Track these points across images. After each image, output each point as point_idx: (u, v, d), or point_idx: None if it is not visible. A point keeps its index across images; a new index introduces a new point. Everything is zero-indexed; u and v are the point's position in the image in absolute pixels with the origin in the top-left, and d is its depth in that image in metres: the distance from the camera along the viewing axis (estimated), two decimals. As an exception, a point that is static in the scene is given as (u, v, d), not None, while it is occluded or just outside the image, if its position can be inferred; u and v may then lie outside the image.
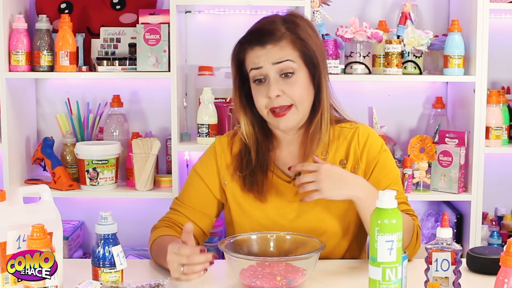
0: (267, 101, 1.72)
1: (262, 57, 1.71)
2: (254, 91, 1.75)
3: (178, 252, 1.53)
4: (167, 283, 1.47)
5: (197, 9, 2.84)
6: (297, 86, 1.72)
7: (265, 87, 1.72)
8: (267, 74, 1.71)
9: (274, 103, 1.71)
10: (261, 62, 1.71)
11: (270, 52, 1.71)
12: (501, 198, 2.94)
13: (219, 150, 1.86)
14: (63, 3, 2.81)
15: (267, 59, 1.71)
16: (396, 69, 2.60)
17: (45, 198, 1.49)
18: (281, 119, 1.72)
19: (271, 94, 1.70)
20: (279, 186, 1.80)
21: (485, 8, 2.53)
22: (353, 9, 2.85)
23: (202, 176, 1.85)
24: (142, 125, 2.90)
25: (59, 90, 2.87)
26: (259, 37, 1.72)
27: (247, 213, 1.80)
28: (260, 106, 1.74)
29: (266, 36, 1.71)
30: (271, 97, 1.70)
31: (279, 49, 1.71)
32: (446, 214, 1.51)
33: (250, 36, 1.75)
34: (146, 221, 2.85)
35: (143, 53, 2.61)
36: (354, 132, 1.81)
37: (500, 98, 2.65)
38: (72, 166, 2.72)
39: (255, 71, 1.73)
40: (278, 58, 1.71)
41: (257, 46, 1.72)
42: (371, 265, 1.35)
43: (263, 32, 1.73)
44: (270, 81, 1.71)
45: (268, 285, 1.50)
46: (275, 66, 1.71)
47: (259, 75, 1.72)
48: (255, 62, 1.72)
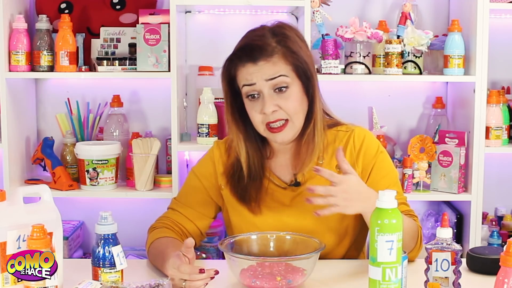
0: (263, 117, 1.70)
1: (255, 73, 1.68)
2: (248, 107, 1.73)
3: (178, 270, 1.50)
4: (167, 283, 1.47)
5: (197, 9, 2.84)
6: (291, 100, 1.70)
7: (259, 103, 1.70)
8: (260, 90, 1.69)
9: (270, 118, 1.69)
10: (254, 79, 1.68)
11: (263, 69, 1.68)
12: (501, 198, 2.94)
13: (217, 156, 1.86)
14: (63, 3, 2.81)
15: (260, 75, 1.68)
16: (396, 69, 2.60)
17: (45, 198, 1.49)
18: (278, 134, 1.71)
19: (267, 111, 1.68)
20: (275, 193, 1.80)
21: (485, 8, 2.53)
22: (353, 9, 2.85)
23: (200, 178, 1.85)
24: (142, 125, 2.90)
25: (59, 90, 2.87)
26: (250, 53, 1.68)
27: (244, 218, 1.80)
28: (256, 122, 1.72)
29: (257, 51, 1.68)
30: (266, 113, 1.68)
31: (271, 65, 1.68)
32: (446, 214, 1.51)
33: (240, 52, 1.70)
34: (146, 221, 2.84)
35: (143, 53, 2.61)
36: (350, 135, 1.80)
37: (500, 98, 2.65)
38: (72, 166, 2.72)
39: (247, 88, 1.70)
40: (271, 74, 1.68)
41: (249, 62, 1.68)
42: (371, 265, 1.35)
43: (253, 48, 1.69)
44: (265, 97, 1.68)
45: (268, 285, 1.50)
46: (269, 82, 1.68)
47: (252, 91, 1.70)
48: (248, 78, 1.69)
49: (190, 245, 1.53)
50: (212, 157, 1.86)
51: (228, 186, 1.82)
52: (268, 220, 1.78)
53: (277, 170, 1.82)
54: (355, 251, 1.85)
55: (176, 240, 1.75)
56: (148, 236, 1.81)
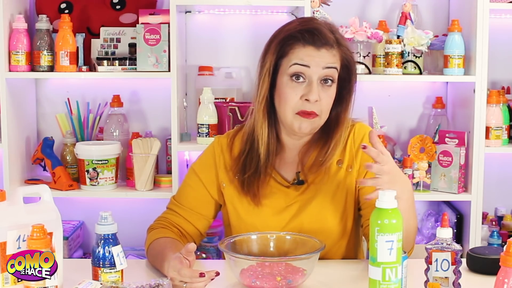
0: (301, 103, 1.68)
1: (315, 57, 1.68)
2: (288, 87, 1.70)
3: (179, 273, 1.50)
4: (167, 283, 1.47)
5: (197, 9, 2.84)
6: (330, 96, 1.71)
7: (303, 87, 1.69)
8: (310, 76, 1.68)
9: (307, 107, 1.68)
10: (310, 62, 1.68)
11: (323, 56, 1.68)
12: (501, 198, 2.94)
13: (218, 151, 1.84)
14: (63, 3, 2.81)
15: (318, 61, 1.68)
16: (396, 69, 2.60)
17: (45, 198, 1.49)
18: (305, 121, 1.69)
19: (312, 98, 1.67)
20: (276, 191, 1.78)
21: (485, 8, 2.53)
22: (353, 9, 2.85)
23: (200, 176, 1.84)
24: (142, 125, 2.90)
25: (59, 90, 2.87)
26: (316, 39, 1.68)
27: (242, 218, 1.79)
28: (290, 104, 1.69)
29: (321, 39, 1.68)
30: (309, 100, 1.67)
31: (331, 56, 1.69)
32: (446, 214, 1.51)
33: (304, 33, 1.69)
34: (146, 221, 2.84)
35: (143, 53, 2.61)
36: (350, 131, 1.80)
37: (500, 98, 2.65)
38: (72, 166, 2.72)
39: (298, 67, 1.68)
40: (330, 63, 1.69)
41: (312, 46, 1.68)
42: (371, 265, 1.35)
43: (319, 35, 1.69)
44: (313, 84, 1.68)
45: (268, 285, 1.50)
46: (324, 71, 1.68)
47: (301, 72, 1.68)
48: (304, 60, 1.68)
49: (191, 250, 1.52)
50: (213, 153, 1.84)
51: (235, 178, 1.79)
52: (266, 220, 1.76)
53: (281, 168, 1.81)
54: (353, 248, 1.85)
55: (175, 240, 1.75)
56: (147, 237, 1.80)
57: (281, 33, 1.73)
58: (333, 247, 1.78)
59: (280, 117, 1.74)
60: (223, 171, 1.82)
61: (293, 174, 1.79)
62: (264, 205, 1.77)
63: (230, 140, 1.84)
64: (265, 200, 1.77)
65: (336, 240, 1.78)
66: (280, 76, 1.72)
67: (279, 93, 1.71)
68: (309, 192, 1.76)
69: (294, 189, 1.78)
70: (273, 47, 1.73)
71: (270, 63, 1.72)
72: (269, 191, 1.78)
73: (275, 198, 1.78)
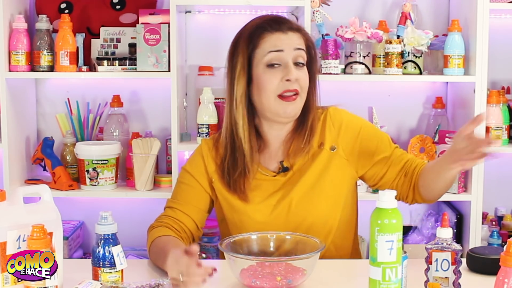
0: (282, 84, 1.75)
1: (285, 41, 1.76)
2: (266, 75, 1.76)
3: (177, 261, 1.50)
4: (167, 283, 1.47)
5: (197, 9, 2.84)
6: (306, 75, 1.79)
7: (280, 71, 1.75)
8: (284, 58, 1.76)
9: (289, 86, 1.75)
10: (282, 45, 1.76)
11: (291, 38, 1.77)
12: (501, 198, 2.94)
13: (206, 151, 1.89)
14: (63, 3, 2.81)
15: (289, 43, 1.76)
16: (396, 69, 2.60)
17: (45, 198, 1.49)
18: (289, 104, 1.76)
19: (292, 76, 1.74)
20: (263, 183, 1.82)
21: (485, 8, 2.53)
22: (353, 9, 2.85)
23: (191, 173, 1.88)
24: (142, 125, 2.90)
25: (59, 90, 2.87)
26: (281, 24, 1.78)
27: (236, 209, 1.83)
28: (270, 89, 1.76)
29: (287, 23, 1.79)
30: (291, 80, 1.74)
31: (298, 37, 1.79)
32: (446, 214, 1.51)
33: (269, 22, 1.79)
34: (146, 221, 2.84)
35: (143, 53, 2.61)
36: (326, 114, 1.87)
37: (500, 98, 2.65)
38: (72, 166, 2.72)
39: (273, 54, 1.76)
40: (298, 44, 1.78)
41: (279, 31, 1.77)
42: (371, 265, 1.36)
43: (283, 21, 1.80)
44: (289, 65, 1.75)
45: (268, 285, 1.50)
46: (295, 52, 1.76)
47: (276, 59, 1.75)
48: (277, 45, 1.76)
49: (194, 252, 1.51)
50: (201, 152, 1.90)
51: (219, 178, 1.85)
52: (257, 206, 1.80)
53: (266, 163, 1.86)
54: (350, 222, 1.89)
55: (176, 238, 1.76)
56: (148, 236, 1.81)
57: (246, 30, 1.81)
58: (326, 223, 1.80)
59: (263, 106, 1.79)
60: (212, 167, 1.86)
61: (277, 164, 1.85)
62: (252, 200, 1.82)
63: (215, 143, 1.90)
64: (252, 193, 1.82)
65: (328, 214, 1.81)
66: (255, 69, 1.78)
67: (257, 84, 1.77)
68: (295, 176, 1.82)
69: (280, 177, 1.83)
70: (242, 43, 1.80)
71: (243, 59, 1.79)
72: (256, 185, 1.82)
73: (263, 187, 1.83)
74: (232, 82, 1.80)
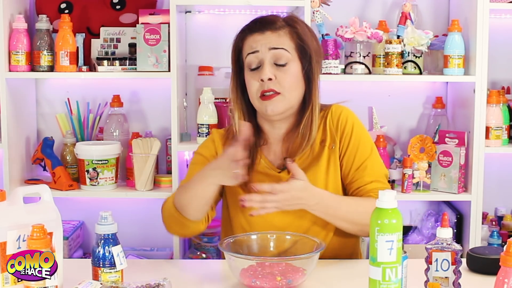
0: (259, 85, 1.77)
1: (260, 41, 1.78)
2: (248, 77, 1.80)
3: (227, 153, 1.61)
4: (167, 283, 1.47)
5: (197, 9, 2.84)
6: (288, 74, 1.78)
7: (259, 72, 1.78)
8: (262, 59, 1.77)
9: (264, 86, 1.76)
10: (258, 46, 1.77)
11: (268, 38, 1.78)
12: (501, 198, 2.94)
13: (217, 138, 1.92)
14: (63, 3, 2.81)
15: (264, 43, 1.77)
16: (396, 69, 2.60)
17: (45, 198, 1.49)
18: (268, 103, 1.77)
19: (264, 76, 1.75)
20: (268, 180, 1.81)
21: (485, 8, 2.53)
22: (353, 9, 2.85)
23: (204, 155, 1.90)
24: (142, 125, 2.90)
25: (59, 90, 2.87)
26: (260, 25, 1.80)
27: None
28: (253, 91, 1.79)
29: (266, 24, 1.80)
30: (263, 80, 1.75)
31: (277, 37, 1.78)
32: (446, 214, 1.51)
33: (250, 24, 1.82)
34: (146, 221, 2.86)
35: (143, 53, 2.61)
36: (328, 111, 1.88)
37: (500, 98, 2.65)
38: (72, 166, 2.72)
39: (251, 56, 1.78)
40: (274, 44, 1.77)
41: (257, 32, 1.79)
42: (371, 265, 1.35)
43: (263, 21, 1.81)
44: (265, 64, 1.76)
45: (268, 285, 1.50)
46: (271, 52, 1.77)
47: (254, 60, 1.78)
48: (252, 46, 1.78)
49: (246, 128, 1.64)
50: (212, 139, 1.93)
51: None
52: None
53: (270, 156, 1.87)
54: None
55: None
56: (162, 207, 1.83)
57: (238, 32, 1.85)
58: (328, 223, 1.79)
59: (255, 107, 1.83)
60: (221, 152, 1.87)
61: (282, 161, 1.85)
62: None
63: (225, 135, 1.93)
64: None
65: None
66: (245, 71, 1.82)
67: (247, 86, 1.82)
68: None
69: (285, 174, 1.83)
70: (232, 47, 1.85)
71: (233, 64, 1.85)
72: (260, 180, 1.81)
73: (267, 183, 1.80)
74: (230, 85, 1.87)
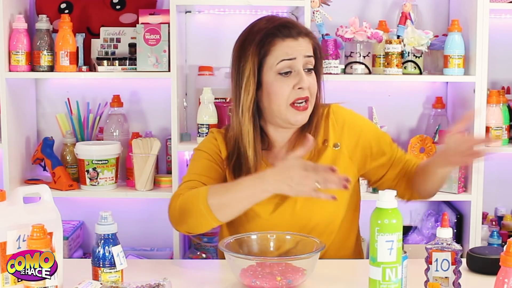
0: (294, 92, 1.73)
1: (296, 48, 1.73)
2: (278, 83, 1.73)
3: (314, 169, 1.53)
4: (167, 283, 1.47)
5: (197, 9, 2.84)
6: (314, 80, 1.78)
7: (292, 78, 1.74)
8: (296, 66, 1.74)
9: (301, 94, 1.73)
10: (295, 53, 1.73)
11: (302, 44, 1.75)
12: (501, 198, 2.94)
13: (219, 137, 1.87)
14: (63, 3, 2.81)
15: (300, 50, 1.74)
16: (396, 69, 2.60)
17: (45, 198, 1.49)
18: (302, 113, 1.75)
19: (305, 85, 1.72)
20: None
21: (485, 8, 2.53)
22: (353, 9, 2.85)
23: (206, 151, 1.85)
24: (142, 125, 2.90)
25: (59, 90, 2.88)
26: (289, 29, 1.75)
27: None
28: (283, 96, 1.73)
29: (295, 28, 1.75)
30: (303, 88, 1.73)
31: (307, 43, 1.77)
32: (446, 214, 1.51)
33: (278, 27, 1.75)
34: (146, 221, 2.86)
35: (143, 53, 2.61)
36: (328, 111, 1.86)
37: (500, 98, 2.65)
38: (72, 166, 2.72)
39: (286, 62, 1.73)
40: (308, 51, 1.76)
41: (289, 37, 1.74)
42: (371, 265, 1.36)
43: (290, 25, 1.76)
44: (301, 72, 1.73)
45: (268, 285, 1.50)
46: (305, 59, 1.75)
47: (288, 66, 1.73)
48: (288, 53, 1.73)
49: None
50: (214, 136, 1.88)
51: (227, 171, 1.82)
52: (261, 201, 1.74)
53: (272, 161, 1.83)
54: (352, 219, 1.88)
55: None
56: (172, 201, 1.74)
57: (254, 35, 1.76)
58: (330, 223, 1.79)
59: (273, 113, 1.77)
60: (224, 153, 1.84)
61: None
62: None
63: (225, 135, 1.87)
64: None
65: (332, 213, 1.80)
66: (265, 75, 1.75)
67: (268, 90, 1.75)
68: None
69: None
70: (251, 49, 1.74)
71: (252, 65, 1.75)
72: None
73: None
74: (239, 87, 1.77)
